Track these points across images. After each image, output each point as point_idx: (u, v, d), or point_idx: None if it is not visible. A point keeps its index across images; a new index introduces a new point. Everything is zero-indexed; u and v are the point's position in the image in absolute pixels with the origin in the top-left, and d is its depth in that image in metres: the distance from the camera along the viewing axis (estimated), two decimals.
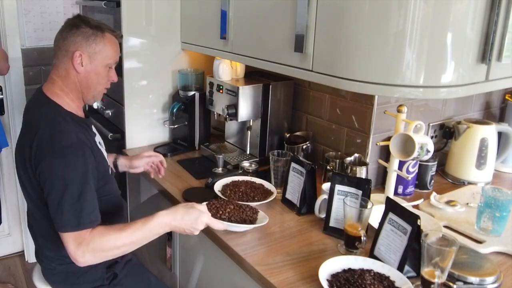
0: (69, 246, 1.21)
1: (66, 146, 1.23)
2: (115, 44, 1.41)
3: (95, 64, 1.36)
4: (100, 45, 1.35)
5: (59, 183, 1.21)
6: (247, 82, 1.85)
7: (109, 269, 1.44)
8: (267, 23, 1.48)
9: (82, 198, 1.23)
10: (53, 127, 1.27)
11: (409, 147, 1.37)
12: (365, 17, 1.16)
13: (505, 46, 1.15)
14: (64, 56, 1.35)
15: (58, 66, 1.37)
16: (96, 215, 1.26)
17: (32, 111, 1.37)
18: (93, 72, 1.37)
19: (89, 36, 1.34)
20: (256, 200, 1.53)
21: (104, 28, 1.38)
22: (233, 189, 1.57)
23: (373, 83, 1.18)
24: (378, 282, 1.08)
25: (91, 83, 1.38)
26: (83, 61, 1.34)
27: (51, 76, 1.38)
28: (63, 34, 1.35)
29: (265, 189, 1.61)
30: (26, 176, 1.32)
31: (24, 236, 2.84)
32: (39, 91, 1.39)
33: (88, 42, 1.34)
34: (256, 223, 1.37)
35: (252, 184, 1.62)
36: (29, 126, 1.34)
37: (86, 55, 1.34)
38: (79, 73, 1.35)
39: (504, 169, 1.85)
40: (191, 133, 2.04)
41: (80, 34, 1.33)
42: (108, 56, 1.38)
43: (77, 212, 1.21)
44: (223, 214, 1.36)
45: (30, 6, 2.48)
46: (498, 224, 1.33)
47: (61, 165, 1.22)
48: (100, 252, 1.22)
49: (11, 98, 2.56)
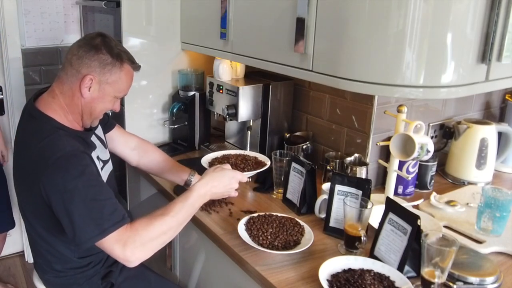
0: (115, 251, 1.13)
1: (59, 157, 1.15)
2: (130, 78, 1.33)
3: (103, 93, 1.28)
4: (115, 76, 1.27)
5: (66, 196, 1.13)
6: (247, 82, 1.85)
7: (104, 279, 1.42)
8: (267, 23, 1.48)
9: (95, 202, 1.14)
10: (44, 141, 1.19)
11: (409, 147, 1.36)
12: (365, 17, 1.16)
13: (505, 46, 1.15)
14: (74, 75, 1.25)
15: (63, 81, 1.28)
16: (119, 213, 1.16)
17: (22, 130, 1.30)
18: (98, 100, 1.29)
19: (107, 64, 1.25)
20: (246, 170, 1.51)
21: (124, 58, 1.29)
22: (222, 162, 1.52)
23: (373, 83, 1.18)
24: (378, 282, 1.08)
25: (94, 110, 1.30)
26: (91, 87, 1.26)
27: (53, 89, 1.29)
28: (79, 51, 1.25)
29: (258, 160, 1.58)
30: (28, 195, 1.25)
31: (24, 236, 2.84)
32: (30, 106, 1.29)
33: (104, 70, 1.25)
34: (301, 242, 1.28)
35: (245, 156, 1.60)
36: (21, 145, 1.28)
37: (96, 81, 1.25)
38: (84, 98, 1.27)
39: (504, 169, 1.85)
40: (191, 133, 2.04)
41: (97, 59, 1.24)
42: (119, 89, 1.31)
43: (96, 219, 1.13)
44: (263, 239, 1.27)
45: (30, 6, 2.48)
46: (498, 224, 1.33)
47: (60, 177, 1.14)
48: (148, 243, 1.15)
49: (11, 98, 2.56)
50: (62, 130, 1.25)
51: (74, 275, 1.38)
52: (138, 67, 1.35)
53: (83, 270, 1.38)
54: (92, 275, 1.40)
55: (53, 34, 2.57)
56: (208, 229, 1.40)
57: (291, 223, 1.36)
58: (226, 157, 1.59)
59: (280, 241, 1.27)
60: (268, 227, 1.33)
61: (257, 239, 1.28)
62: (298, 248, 1.25)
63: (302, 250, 1.25)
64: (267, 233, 1.30)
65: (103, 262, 1.43)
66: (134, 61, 1.34)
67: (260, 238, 1.28)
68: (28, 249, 2.85)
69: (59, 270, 1.37)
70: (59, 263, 1.36)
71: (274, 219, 1.37)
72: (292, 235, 1.30)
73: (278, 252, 1.24)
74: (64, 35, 2.61)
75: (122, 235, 1.13)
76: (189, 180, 1.55)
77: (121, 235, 1.13)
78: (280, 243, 1.27)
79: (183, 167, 1.60)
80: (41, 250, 1.37)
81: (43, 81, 2.61)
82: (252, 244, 1.26)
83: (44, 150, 1.17)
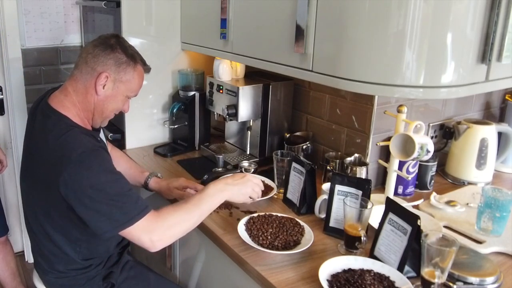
0: (141, 239, 1.20)
1: (81, 152, 1.18)
2: (141, 79, 1.38)
3: (116, 91, 1.32)
4: (129, 75, 1.32)
5: (92, 192, 1.16)
6: (247, 82, 1.85)
7: (105, 280, 1.43)
8: (267, 23, 1.48)
9: (120, 195, 1.19)
10: (61, 138, 1.21)
11: (409, 147, 1.36)
12: (365, 17, 1.16)
13: (505, 46, 1.15)
14: (89, 73, 1.29)
15: (77, 79, 1.31)
16: (142, 202, 1.22)
17: (35, 128, 1.31)
18: (111, 99, 1.33)
19: (122, 63, 1.30)
20: None
21: (137, 59, 1.34)
22: None
23: (373, 83, 1.18)
24: (378, 282, 1.08)
25: (106, 109, 1.34)
26: (106, 85, 1.29)
27: (66, 87, 1.32)
28: (95, 50, 1.29)
29: (265, 184, 1.61)
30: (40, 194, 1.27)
31: (24, 236, 2.83)
32: (43, 104, 1.32)
33: (119, 69, 1.30)
34: (301, 242, 1.29)
35: None
36: (35, 143, 1.29)
37: (111, 79, 1.29)
38: (98, 95, 1.30)
39: (504, 169, 1.85)
40: (191, 133, 2.04)
41: (113, 57, 1.29)
42: (131, 88, 1.35)
43: (123, 208, 1.18)
44: (263, 239, 1.28)
45: (30, 6, 2.47)
46: (498, 224, 1.33)
47: (84, 173, 1.16)
48: (174, 227, 1.23)
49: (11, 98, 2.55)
50: (77, 128, 1.28)
51: (76, 276, 1.38)
52: (148, 69, 1.41)
53: (85, 271, 1.38)
54: (93, 276, 1.40)
55: (53, 34, 2.57)
56: (208, 229, 1.40)
57: (291, 223, 1.36)
58: None
59: (280, 241, 1.28)
60: (268, 227, 1.33)
61: (257, 239, 1.28)
62: (298, 248, 1.25)
63: (302, 250, 1.25)
64: (267, 233, 1.30)
65: (104, 263, 1.44)
66: (146, 63, 1.39)
67: (260, 238, 1.29)
68: (28, 249, 2.85)
69: (61, 271, 1.37)
70: (62, 263, 1.36)
71: (274, 219, 1.37)
72: (292, 235, 1.30)
73: (278, 252, 1.24)
74: (64, 35, 2.61)
75: (150, 223, 1.20)
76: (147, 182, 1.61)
77: (148, 221, 1.20)
78: (280, 243, 1.27)
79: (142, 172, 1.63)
80: (44, 251, 1.37)
81: (43, 81, 2.61)
82: (252, 244, 1.26)
83: (64, 147, 1.20)
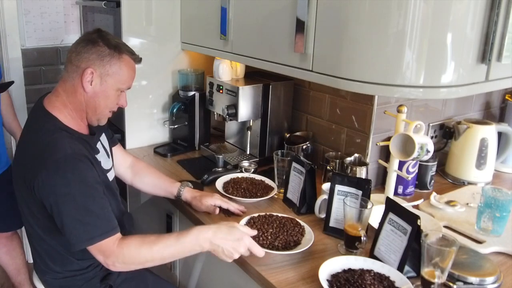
0: (97, 257, 1.19)
1: (58, 158, 1.15)
2: (131, 68, 1.32)
3: (105, 86, 1.28)
4: (115, 67, 1.27)
5: (60, 200, 1.15)
6: (247, 82, 1.85)
7: (103, 282, 1.41)
8: (267, 23, 1.48)
9: (89, 211, 1.16)
10: (44, 140, 1.19)
11: (409, 147, 1.36)
12: (365, 17, 1.16)
13: (505, 46, 1.15)
14: (74, 71, 1.26)
15: (66, 80, 1.29)
16: (108, 224, 1.19)
17: (25, 128, 1.32)
18: (101, 94, 1.29)
19: (105, 55, 1.26)
20: (258, 196, 1.54)
21: (123, 49, 1.29)
22: (235, 186, 1.58)
23: (373, 83, 1.18)
24: (378, 282, 1.08)
25: (98, 105, 1.30)
26: (93, 80, 1.26)
27: (57, 88, 1.31)
28: (77, 48, 1.27)
29: (266, 184, 1.62)
30: (24, 193, 1.26)
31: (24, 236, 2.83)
32: (39, 104, 1.31)
33: (103, 62, 1.25)
34: (301, 243, 1.28)
35: (252, 180, 1.64)
36: (22, 143, 1.29)
37: (97, 74, 1.26)
38: (87, 93, 1.27)
39: (504, 169, 1.85)
40: (191, 133, 2.04)
41: (95, 51, 1.25)
42: (121, 80, 1.30)
43: (86, 225, 1.16)
44: (264, 239, 1.28)
45: (30, 6, 2.47)
46: (498, 224, 1.33)
47: (56, 180, 1.14)
48: (131, 264, 1.20)
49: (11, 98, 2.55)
50: (65, 131, 1.25)
51: (73, 277, 1.37)
52: (138, 59, 1.36)
53: (82, 272, 1.37)
54: (91, 277, 1.39)
55: (53, 34, 2.57)
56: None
57: (292, 223, 1.36)
58: (235, 181, 1.62)
59: (280, 241, 1.28)
60: (268, 227, 1.33)
61: (257, 239, 1.28)
62: (298, 248, 1.25)
63: (302, 250, 1.25)
64: (267, 233, 1.30)
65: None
66: (134, 53, 1.34)
67: (261, 238, 1.28)
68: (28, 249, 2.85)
69: (58, 272, 1.36)
70: (58, 264, 1.36)
71: (274, 219, 1.37)
72: (293, 235, 1.30)
73: (278, 252, 1.24)
74: (64, 35, 2.60)
75: (107, 247, 1.17)
76: (179, 193, 1.53)
77: (107, 247, 1.17)
78: (280, 243, 1.27)
79: (173, 183, 1.57)
80: (40, 251, 1.36)
81: (43, 81, 2.61)
82: None
83: (44, 150, 1.18)
